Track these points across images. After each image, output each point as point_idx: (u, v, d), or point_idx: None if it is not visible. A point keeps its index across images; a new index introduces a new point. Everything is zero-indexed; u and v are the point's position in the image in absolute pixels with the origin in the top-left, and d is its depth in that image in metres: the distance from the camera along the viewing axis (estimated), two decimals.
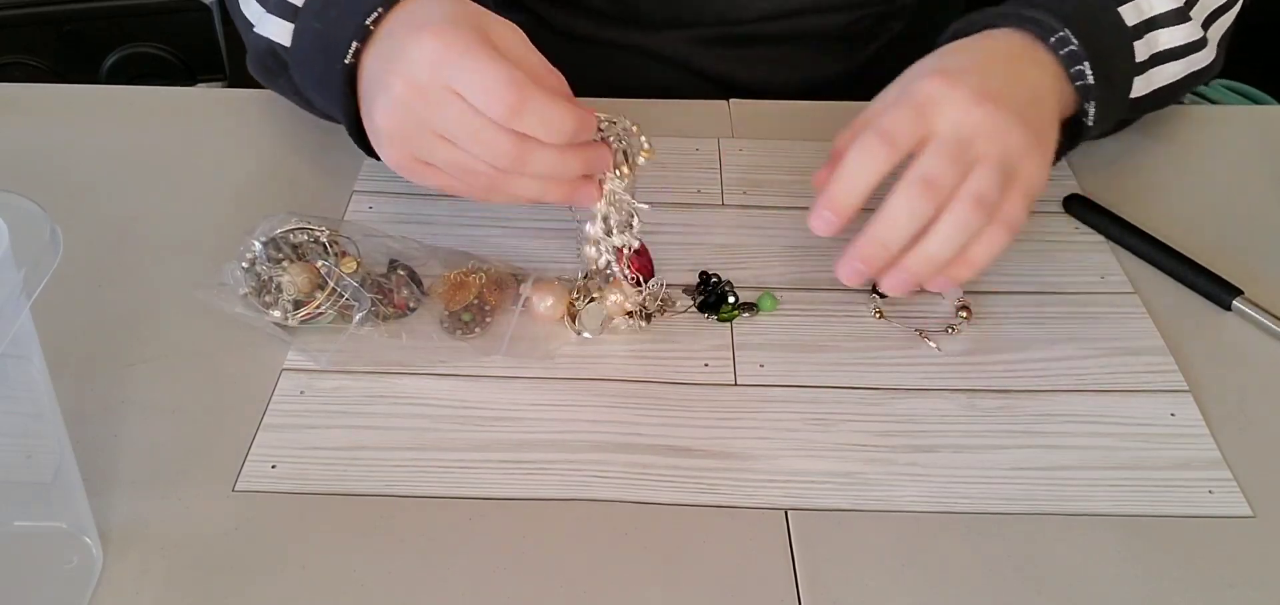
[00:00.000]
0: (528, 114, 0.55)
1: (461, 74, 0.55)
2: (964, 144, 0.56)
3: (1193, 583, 0.49)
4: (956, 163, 0.55)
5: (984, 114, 0.56)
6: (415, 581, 0.49)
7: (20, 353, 0.43)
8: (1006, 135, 0.56)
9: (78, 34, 1.49)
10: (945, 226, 0.56)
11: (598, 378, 0.59)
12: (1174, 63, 0.69)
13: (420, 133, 0.58)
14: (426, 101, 0.56)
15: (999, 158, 0.56)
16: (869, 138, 0.56)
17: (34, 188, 0.52)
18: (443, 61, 0.55)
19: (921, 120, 0.56)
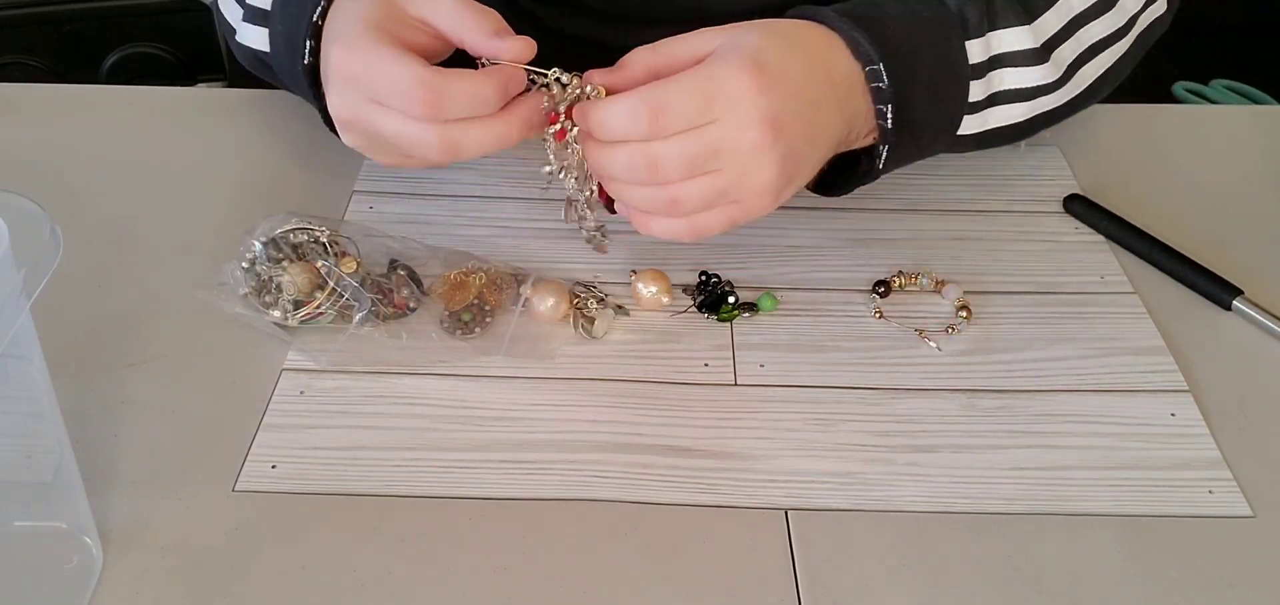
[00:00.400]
0: (448, 104, 0.55)
1: (375, 86, 0.56)
2: (716, 154, 0.55)
3: (1193, 583, 0.49)
4: (693, 166, 0.55)
5: (755, 142, 0.55)
6: (415, 581, 0.49)
7: (20, 353, 0.43)
8: (758, 174, 0.55)
9: (78, 34, 1.49)
10: (639, 195, 0.57)
11: (598, 378, 0.59)
12: (1018, 104, 0.65)
13: (368, 139, 0.59)
14: (360, 118, 0.57)
15: (732, 184, 0.56)
16: (641, 108, 0.55)
17: (34, 188, 0.52)
18: (354, 77, 0.56)
19: (704, 112, 0.55)
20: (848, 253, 0.68)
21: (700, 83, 0.55)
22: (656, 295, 0.62)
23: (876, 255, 0.67)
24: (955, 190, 0.73)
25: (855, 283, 0.65)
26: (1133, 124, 0.81)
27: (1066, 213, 0.72)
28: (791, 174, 0.57)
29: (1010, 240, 0.69)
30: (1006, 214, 0.72)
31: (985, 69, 0.63)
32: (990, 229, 0.70)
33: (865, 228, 0.70)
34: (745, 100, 0.54)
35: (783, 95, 0.55)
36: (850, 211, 0.71)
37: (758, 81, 0.54)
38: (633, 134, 0.55)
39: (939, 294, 0.65)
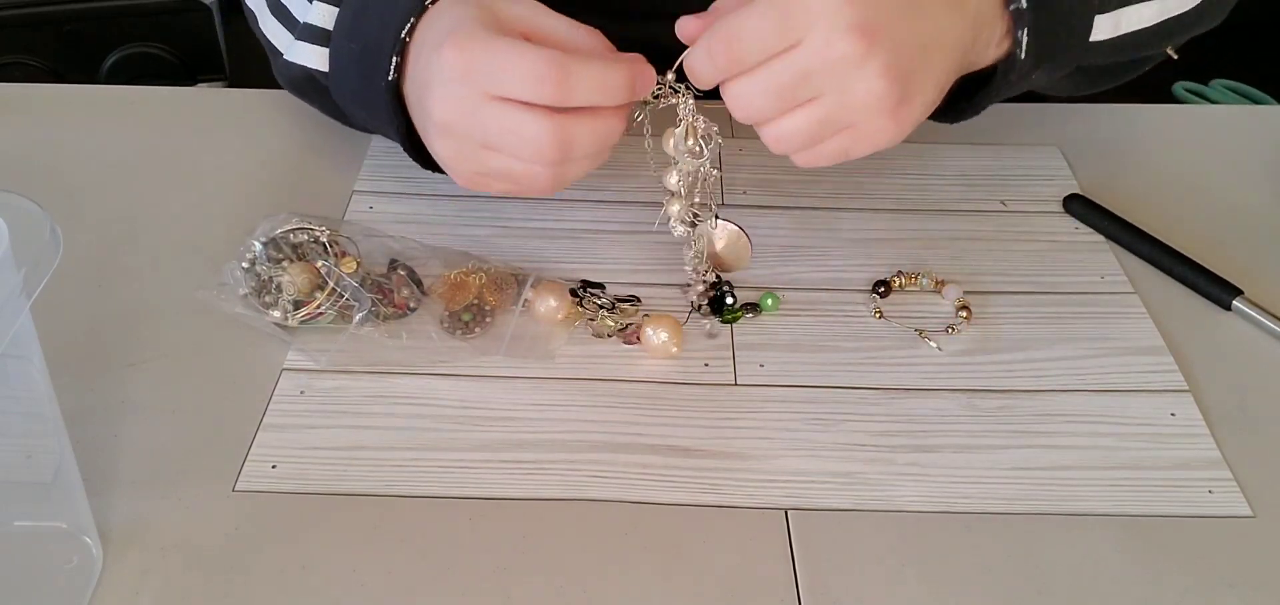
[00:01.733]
0: (577, 85, 0.53)
1: (495, 76, 0.53)
2: (806, 78, 0.51)
3: (1193, 583, 0.49)
4: (783, 97, 0.52)
5: (847, 53, 0.50)
6: (415, 581, 0.49)
7: (20, 353, 0.43)
8: (861, 88, 0.51)
9: (78, 34, 1.49)
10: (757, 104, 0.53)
11: (598, 378, 0.59)
12: (1148, 4, 0.62)
13: (472, 151, 0.56)
14: (469, 118, 0.55)
15: (836, 108, 0.52)
16: (714, 45, 0.52)
17: (34, 188, 0.52)
18: (470, 72, 0.54)
19: (783, 35, 0.51)
20: (848, 253, 0.68)
21: (773, 2, 0.51)
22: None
23: (876, 255, 0.67)
24: (955, 190, 0.74)
25: (855, 283, 0.65)
26: (1133, 124, 0.81)
27: (1066, 213, 0.72)
28: (906, 86, 0.52)
29: (1010, 240, 0.69)
30: (1006, 214, 0.72)
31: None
32: (990, 229, 0.70)
33: (865, 228, 0.70)
34: (827, 10, 0.50)
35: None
36: (850, 211, 0.71)
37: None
38: (715, 74, 0.52)
39: (939, 294, 0.65)
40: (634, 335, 0.60)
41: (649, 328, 0.59)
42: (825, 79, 0.51)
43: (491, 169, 0.57)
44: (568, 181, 0.57)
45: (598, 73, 0.53)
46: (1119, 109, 0.82)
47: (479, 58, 0.53)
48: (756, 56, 0.51)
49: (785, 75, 0.51)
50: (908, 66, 0.52)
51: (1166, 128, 0.82)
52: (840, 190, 0.73)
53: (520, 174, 0.56)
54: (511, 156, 0.55)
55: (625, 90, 0.54)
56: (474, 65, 0.54)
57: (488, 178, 0.58)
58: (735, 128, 0.79)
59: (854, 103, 0.52)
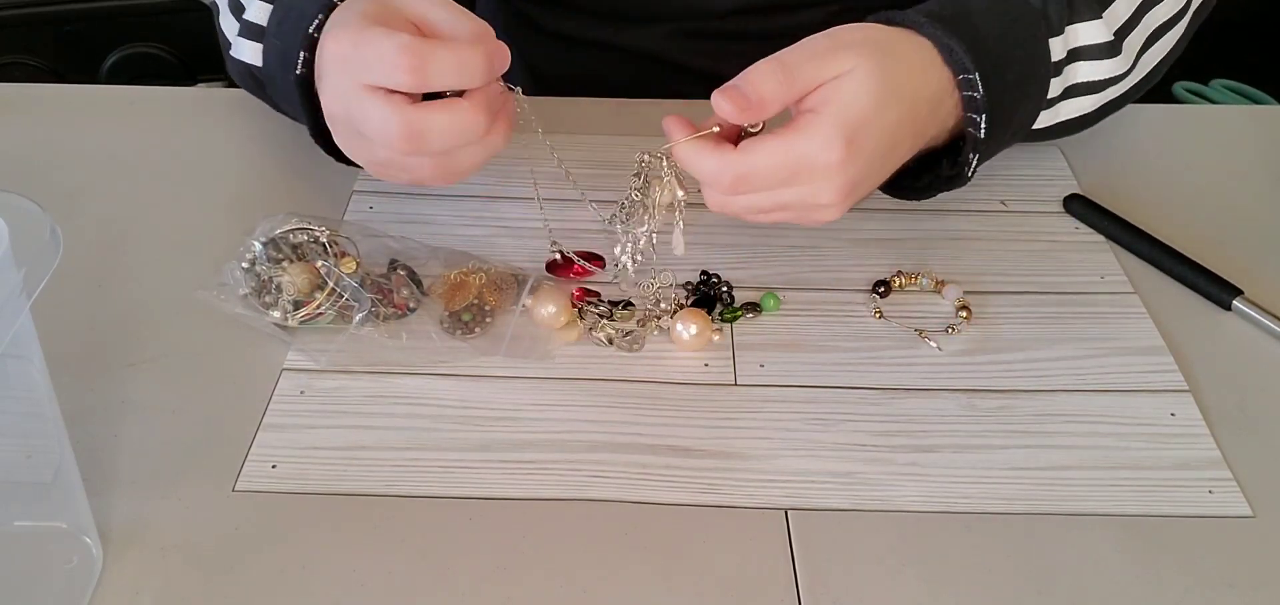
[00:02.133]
0: (433, 69, 0.54)
1: (362, 65, 0.55)
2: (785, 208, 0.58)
3: (1193, 583, 0.49)
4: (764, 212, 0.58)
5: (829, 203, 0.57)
6: (415, 581, 0.49)
7: (20, 353, 0.43)
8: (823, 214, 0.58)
9: (78, 34, 1.49)
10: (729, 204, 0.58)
11: (598, 378, 0.59)
12: (1087, 97, 0.66)
13: (356, 141, 0.59)
14: (346, 108, 0.57)
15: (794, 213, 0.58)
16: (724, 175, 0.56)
17: (34, 188, 0.52)
18: (345, 62, 0.56)
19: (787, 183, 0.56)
20: (848, 253, 0.68)
21: (788, 159, 0.55)
22: (553, 316, 0.61)
23: (876, 255, 0.67)
24: (955, 190, 0.73)
25: (855, 283, 0.65)
26: (1133, 124, 0.81)
27: (1066, 213, 0.72)
28: (855, 199, 0.58)
29: (1010, 240, 0.69)
30: (1006, 214, 0.72)
31: (1063, 64, 0.64)
32: (990, 229, 0.70)
33: (865, 228, 0.70)
34: (830, 174, 0.55)
35: (867, 158, 0.56)
36: (850, 211, 0.71)
37: (845, 156, 0.55)
38: (713, 186, 0.57)
39: (939, 294, 0.65)
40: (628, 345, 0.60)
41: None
42: (799, 208, 0.57)
43: (377, 159, 0.59)
44: (457, 174, 0.60)
45: (454, 55, 0.55)
46: None
47: (350, 48, 0.55)
48: (755, 190, 0.56)
49: (771, 202, 0.57)
50: (865, 186, 0.58)
51: (1166, 128, 0.82)
52: None
53: (393, 164, 0.59)
54: (379, 146, 0.57)
55: (482, 71, 0.56)
56: (347, 55, 0.56)
57: (383, 168, 0.60)
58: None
59: (811, 217, 0.58)
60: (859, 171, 0.56)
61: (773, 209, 0.58)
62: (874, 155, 0.57)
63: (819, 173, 0.55)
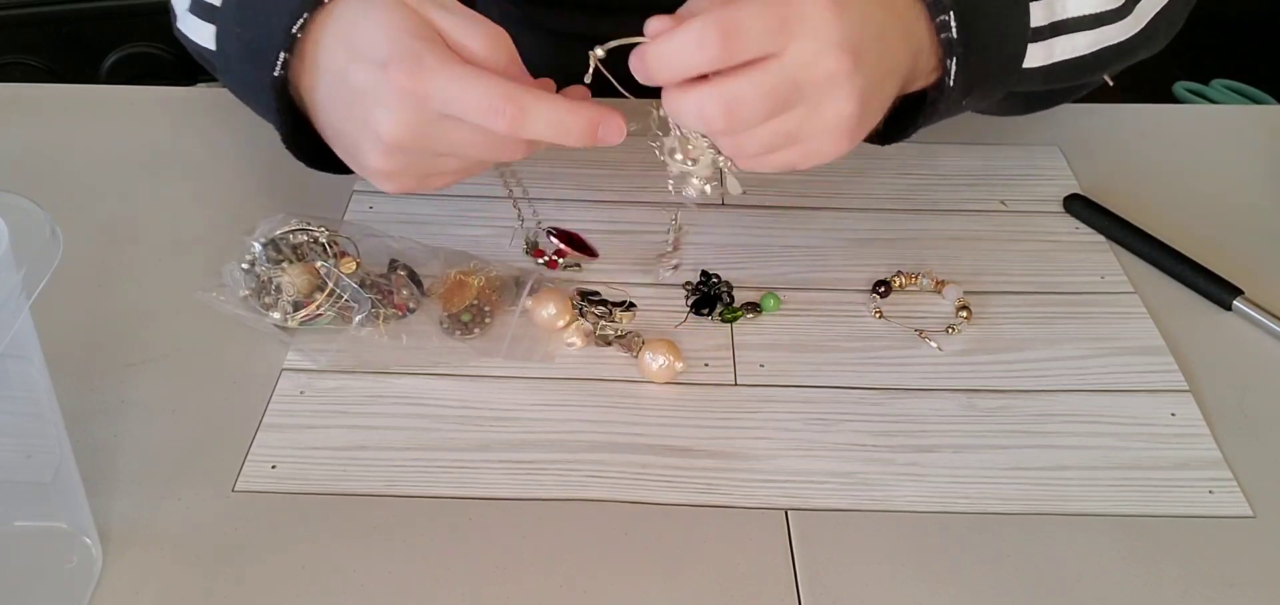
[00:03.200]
0: (530, 122, 0.53)
1: (450, 102, 0.53)
2: (796, 88, 0.51)
3: (1193, 583, 0.49)
4: (773, 106, 0.51)
5: (833, 71, 0.51)
6: (415, 581, 0.49)
7: (20, 353, 0.43)
8: (835, 106, 0.52)
9: (78, 34, 1.49)
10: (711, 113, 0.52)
11: (597, 378, 0.59)
12: (1082, 33, 0.62)
13: (422, 162, 0.57)
14: (423, 138, 0.54)
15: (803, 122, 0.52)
16: (709, 31, 0.50)
17: (34, 188, 0.52)
18: (425, 99, 0.53)
19: (777, 36, 0.51)
20: (848, 253, 0.68)
21: (773, 3, 0.50)
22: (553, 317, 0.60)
23: (876, 255, 0.67)
24: (955, 190, 0.74)
25: (855, 283, 0.65)
26: (1133, 124, 0.81)
27: (1066, 213, 0.72)
28: (866, 109, 0.53)
29: (1010, 240, 0.69)
30: (1006, 214, 0.72)
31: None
32: (990, 229, 0.70)
33: (865, 228, 0.70)
34: (822, 22, 0.50)
35: (859, 19, 0.51)
36: (850, 211, 0.71)
37: (834, 2, 0.50)
38: (701, 62, 0.50)
39: (939, 294, 0.65)
40: (629, 346, 0.60)
41: (647, 354, 0.59)
42: (806, 92, 0.51)
43: (443, 169, 0.58)
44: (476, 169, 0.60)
45: (552, 116, 0.53)
46: (1119, 109, 0.82)
47: (433, 84, 0.52)
48: (749, 52, 0.50)
49: (778, 79, 0.51)
50: (873, 91, 0.53)
51: (1166, 128, 0.82)
52: (840, 190, 0.73)
53: (477, 167, 0.59)
54: (470, 158, 0.57)
55: (582, 138, 0.54)
56: (428, 91, 0.53)
57: (433, 178, 0.59)
58: None
59: (822, 120, 0.52)
60: (857, 29, 0.51)
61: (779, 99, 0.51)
62: (866, 21, 0.52)
63: (812, 21, 0.50)
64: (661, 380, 0.58)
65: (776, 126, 0.52)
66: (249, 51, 0.60)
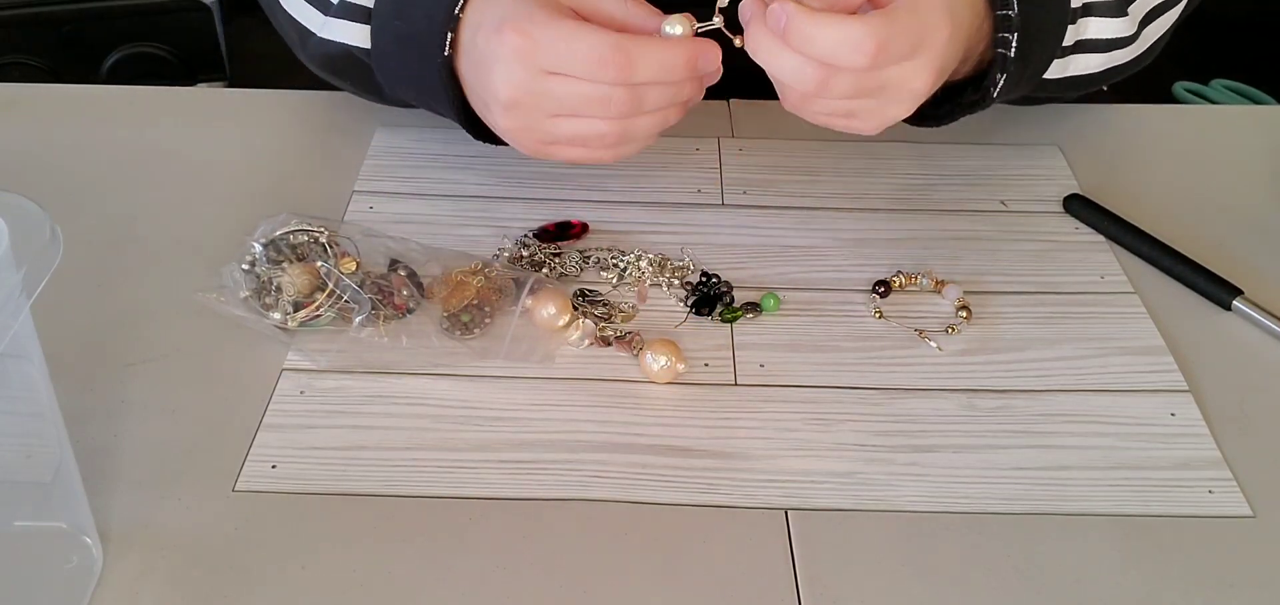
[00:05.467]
0: (639, 68, 0.56)
1: (558, 57, 0.56)
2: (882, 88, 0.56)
3: (1193, 583, 0.49)
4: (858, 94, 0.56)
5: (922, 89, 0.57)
6: (415, 581, 0.49)
7: (20, 353, 0.43)
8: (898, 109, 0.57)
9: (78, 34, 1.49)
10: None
11: (597, 378, 0.59)
12: (1095, 54, 0.68)
13: (539, 122, 0.59)
14: (534, 94, 0.57)
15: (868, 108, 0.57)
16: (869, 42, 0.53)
17: (34, 188, 0.52)
18: (533, 53, 0.56)
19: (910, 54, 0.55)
20: (848, 253, 0.68)
21: (914, 28, 0.54)
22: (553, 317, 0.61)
23: (876, 255, 0.67)
24: (955, 190, 0.74)
25: (855, 283, 0.65)
26: (1133, 124, 0.81)
27: (1066, 213, 0.72)
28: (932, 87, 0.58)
29: (1010, 240, 0.69)
30: (1006, 214, 0.72)
31: (1079, 14, 0.65)
32: (990, 229, 0.70)
33: (865, 228, 0.70)
34: (935, 49, 0.55)
35: (954, 43, 0.57)
36: (850, 211, 0.71)
37: (950, 32, 0.55)
38: (845, 59, 0.54)
39: (939, 294, 0.65)
40: (629, 345, 0.60)
41: (648, 354, 0.59)
42: (890, 88, 0.56)
43: (559, 134, 0.59)
44: (634, 143, 0.60)
45: (658, 56, 0.56)
46: (1119, 109, 0.82)
47: (541, 40, 0.56)
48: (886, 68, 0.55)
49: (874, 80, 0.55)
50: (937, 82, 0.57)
51: (1166, 128, 0.82)
52: (840, 190, 0.73)
53: (592, 132, 0.59)
54: (583, 117, 0.58)
55: (686, 69, 0.57)
56: (536, 48, 0.56)
57: (556, 145, 0.60)
58: (735, 127, 0.79)
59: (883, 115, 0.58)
60: (950, 54, 0.57)
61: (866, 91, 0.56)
62: (955, 36, 0.57)
63: (931, 47, 0.55)
64: (663, 381, 0.58)
65: (852, 105, 0.57)
66: (411, 42, 0.63)
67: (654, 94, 0.58)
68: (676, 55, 0.56)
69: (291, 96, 0.81)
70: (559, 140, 0.60)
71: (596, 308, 0.62)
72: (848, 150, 0.76)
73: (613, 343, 0.61)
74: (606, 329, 0.61)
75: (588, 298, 0.63)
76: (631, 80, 0.56)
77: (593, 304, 0.63)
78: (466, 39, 0.60)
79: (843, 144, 0.77)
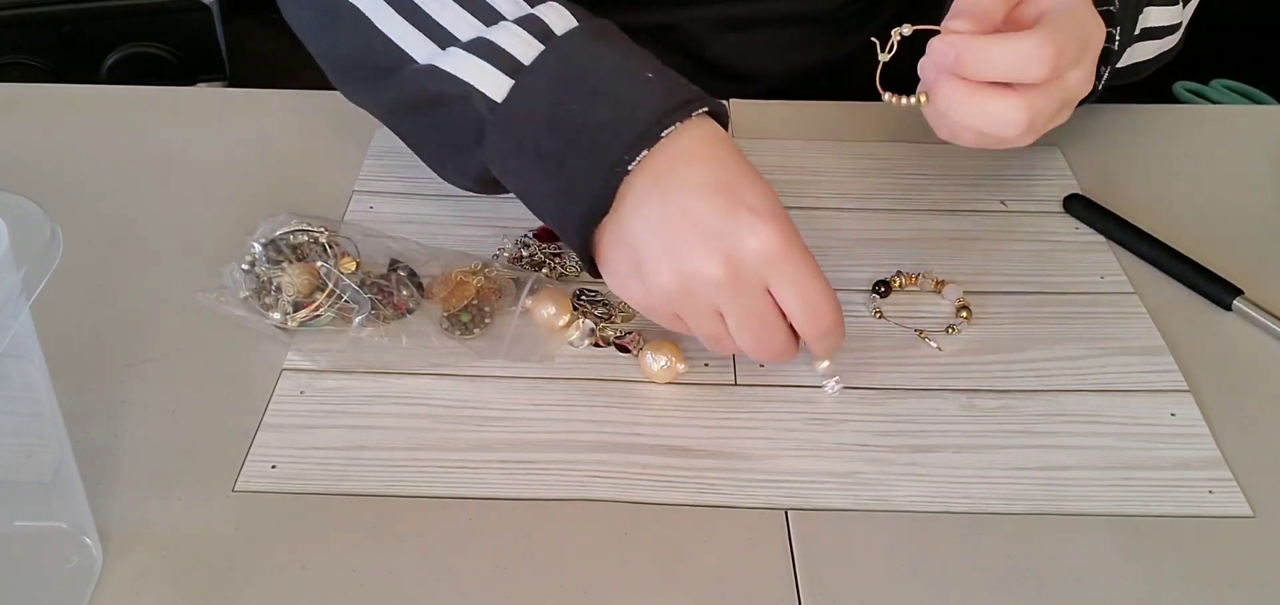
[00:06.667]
0: (831, 341, 0.55)
1: (790, 282, 0.52)
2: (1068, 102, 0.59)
3: (1193, 583, 0.49)
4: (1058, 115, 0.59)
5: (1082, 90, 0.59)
6: (415, 581, 0.49)
7: (20, 353, 0.43)
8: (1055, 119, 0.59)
9: (78, 34, 1.49)
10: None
11: (598, 378, 0.59)
12: (1152, 41, 0.69)
13: (702, 308, 0.54)
14: (736, 290, 0.52)
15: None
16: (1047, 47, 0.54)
17: (34, 188, 0.52)
18: (775, 261, 0.52)
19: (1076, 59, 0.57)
20: (848, 253, 0.68)
21: (1078, 32, 0.56)
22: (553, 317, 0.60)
23: (876, 255, 0.67)
24: (955, 190, 0.73)
25: (855, 283, 0.65)
26: (1133, 124, 0.81)
27: (1066, 213, 0.72)
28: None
29: (1010, 240, 0.69)
30: (1006, 214, 0.72)
31: (1146, 3, 0.67)
32: (990, 229, 0.70)
33: (865, 228, 0.70)
34: (1095, 51, 0.57)
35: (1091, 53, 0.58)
36: (850, 211, 0.71)
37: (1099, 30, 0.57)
38: (1027, 72, 0.54)
39: (939, 294, 0.65)
40: (628, 345, 0.60)
41: (649, 354, 0.59)
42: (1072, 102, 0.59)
43: (698, 325, 0.55)
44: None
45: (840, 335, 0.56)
46: (1119, 109, 0.82)
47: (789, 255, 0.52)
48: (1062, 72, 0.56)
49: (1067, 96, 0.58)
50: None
51: (1166, 128, 0.82)
52: (840, 190, 0.73)
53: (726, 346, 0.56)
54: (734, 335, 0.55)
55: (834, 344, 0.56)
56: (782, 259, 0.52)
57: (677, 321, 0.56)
58: (734, 127, 0.79)
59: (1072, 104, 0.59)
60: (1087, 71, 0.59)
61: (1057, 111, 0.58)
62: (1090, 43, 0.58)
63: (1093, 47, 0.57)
64: (663, 381, 0.58)
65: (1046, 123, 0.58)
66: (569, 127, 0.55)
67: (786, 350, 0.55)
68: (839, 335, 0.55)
69: (291, 96, 0.81)
70: (686, 323, 0.55)
71: (596, 307, 0.62)
72: (848, 150, 0.76)
73: (612, 342, 0.61)
74: (606, 329, 0.61)
75: (587, 298, 0.63)
76: (824, 342, 0.55)
77: (592, 304, 0.63)
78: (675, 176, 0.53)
79: (843, 144, 0.77)
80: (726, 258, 0.52)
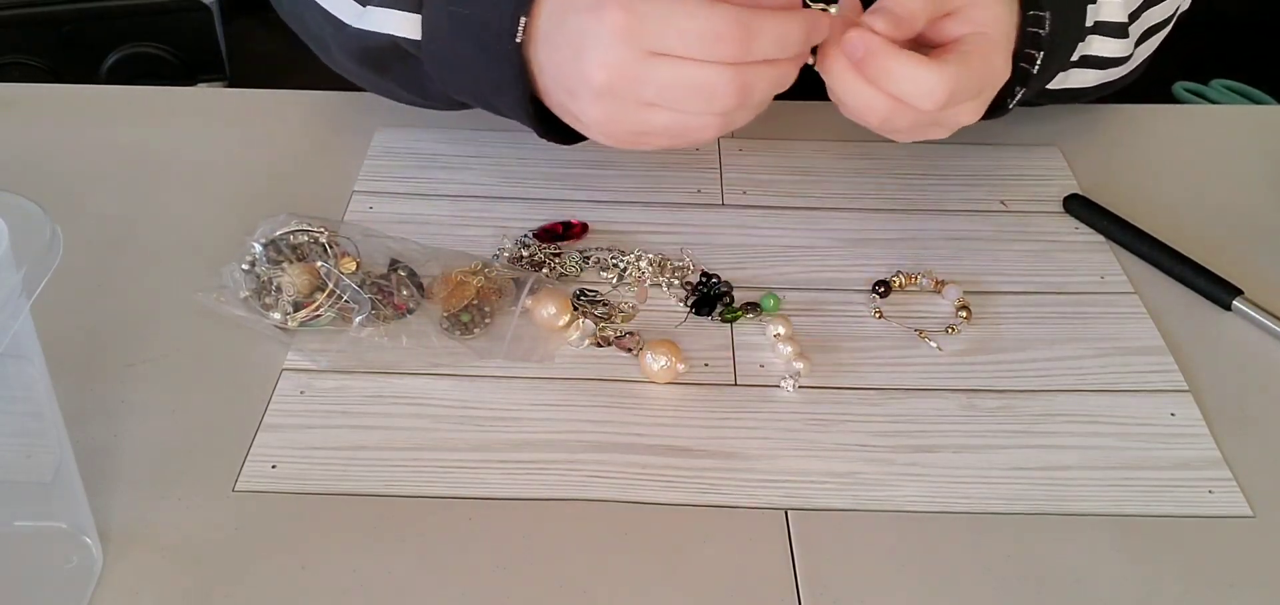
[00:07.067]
0: (758, 44, 0.52)
1: (666, 36, 0.52)
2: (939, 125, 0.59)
3: (1193, 583, 0.49)
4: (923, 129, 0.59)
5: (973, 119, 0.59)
6: (415, 581, 0.49)
7: (20, 353, 0.43)
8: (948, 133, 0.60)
9: (78, 34, 1.49)
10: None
11: (597, 378, 0.59)
12: (1093, 70, 0.69)
13: (633, 112, 0.55)
14: (632, 80, 0.53)
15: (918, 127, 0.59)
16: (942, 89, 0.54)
17: (34, 188, 0.52)
18: (638, 32, 0.52)
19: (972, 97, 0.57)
20: (848, 253, 0.68)
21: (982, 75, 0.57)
22: (553, 317, 0.60)
23: (876, 255, 0.67)
24: (955, 190, 0.74)
25: (855, 283, 0.65)
26: (1133, 124, 0.81)
27: (1066, 213, 0.72)
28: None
29: (1010, 240, 0.69)
30: (1006, 214, 0.72)
31: (1089, 33, 0.66)
32: (990, 229, 0.70)
33: (865, 228, 0.70)
34: (993, 91, 0.58)
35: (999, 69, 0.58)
36: (850, 211, 0.71)
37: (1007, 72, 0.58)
38: (920, 99, 0.54)
39: (939, 294, 0.65)
40: (628, 345, 0.60)
41: (649, 354, 0.59)
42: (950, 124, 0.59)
43: (653, 127, 0.55)
44: (735, 125, 0.56)
45: (777, 28, 0.53)
46: (1119, 109, 0.82)
47: (649, 18, 0.52)
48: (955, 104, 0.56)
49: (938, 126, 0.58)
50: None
51: (1166, 128, 0.82)
52: (840, 190, 0.73)
53: (690, 126, 0.56)
54: (681, 111, 0.54)
55: (803, 43, 0.54)
56: (642, 26, 0.52)
57: (647, 135, 0.56)
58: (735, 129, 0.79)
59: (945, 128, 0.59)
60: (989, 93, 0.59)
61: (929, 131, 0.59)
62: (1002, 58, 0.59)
63: (990, 90, 0.58)
64: (663, 381, 0.58)
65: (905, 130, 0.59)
66: (472, 29, 0.58)
67: (762, 86, 0.54)
68: (794, 27, 0.53)
69: (291, 96, 0.81)
70: (652, 132, 0.56)
71: (596, 308, 0.62)
72: (848, 150, 0.77)
73: (613, 342, 0.61)
74: (606, 329, 0.61)
75: (588, 298, 0.63)
76: (748, 57, 0.52)
77: (593, 304, 0.63)
78: (546, 24, 0.56)
79: (843, 144, 0.77)
80: (598, 62, 0.53)
